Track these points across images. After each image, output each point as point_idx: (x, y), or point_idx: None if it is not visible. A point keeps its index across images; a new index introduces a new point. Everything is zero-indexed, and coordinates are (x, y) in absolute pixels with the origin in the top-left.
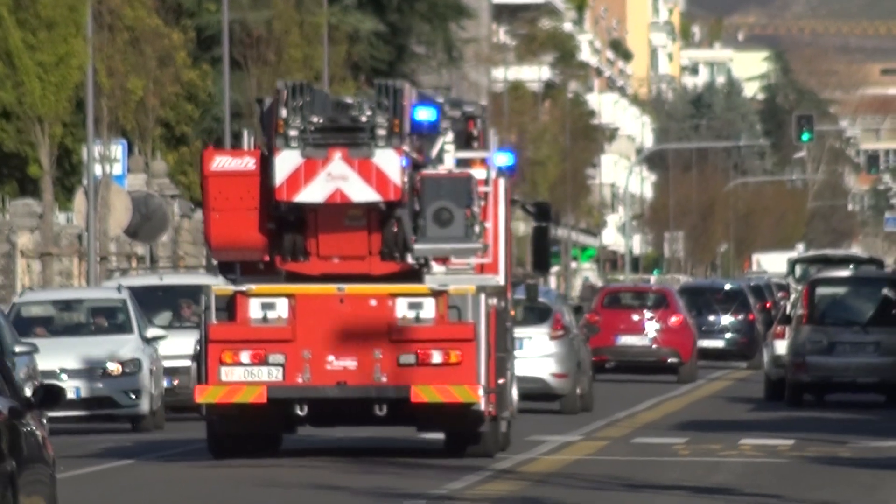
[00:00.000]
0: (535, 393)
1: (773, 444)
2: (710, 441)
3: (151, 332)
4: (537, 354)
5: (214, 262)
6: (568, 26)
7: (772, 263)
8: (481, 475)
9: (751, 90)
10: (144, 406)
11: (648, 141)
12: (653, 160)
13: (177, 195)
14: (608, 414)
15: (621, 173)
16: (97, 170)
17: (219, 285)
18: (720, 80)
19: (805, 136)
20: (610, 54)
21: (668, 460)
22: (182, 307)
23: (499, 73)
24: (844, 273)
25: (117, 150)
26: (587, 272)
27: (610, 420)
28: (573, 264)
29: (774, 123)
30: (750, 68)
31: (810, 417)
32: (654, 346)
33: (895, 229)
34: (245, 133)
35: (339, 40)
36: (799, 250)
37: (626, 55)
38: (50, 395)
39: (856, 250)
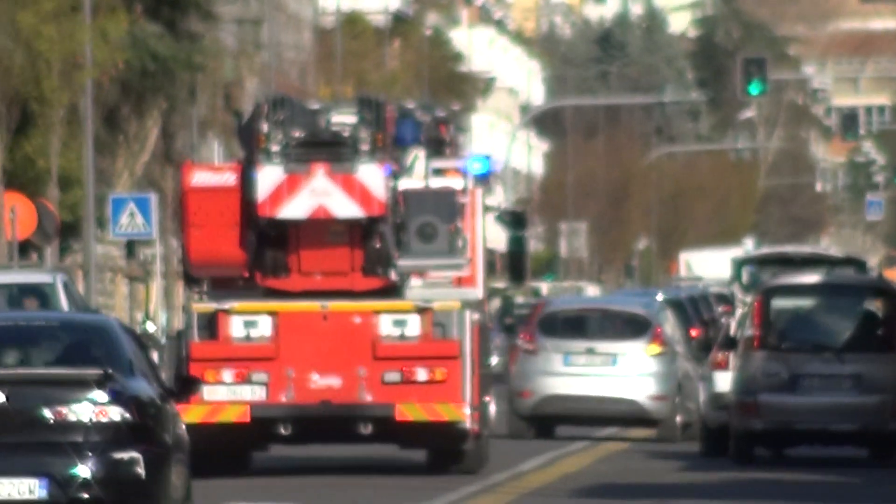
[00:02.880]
0: (629, 417)
1: None
2: None
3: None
4: (632, 373)
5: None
6: None
7: (709, 265)
8: None
9: (679, 24)
10: None
11: (538, 96)
12: (544, 122)
13: None
14: (489, 471)
15: (500, 140)
16: None
17: (199, 302)
18: (636, 9)
19: (755, 89)
20: None
21: None
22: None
23: (329, 1)
24: (811, 279)
25: None
26: None
27: (486, 483)
28: None
29: (712, 71)
30: None
31: (764, 479)
32: None
33: (880, 217)
34: (215, 145)
35: None
36: (747, 247)
37: None
38: (187, 385)
39: (827, 246)
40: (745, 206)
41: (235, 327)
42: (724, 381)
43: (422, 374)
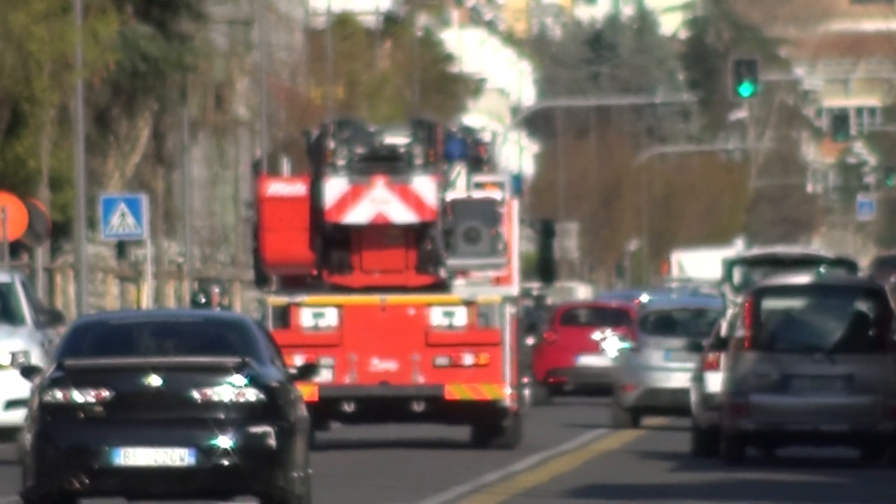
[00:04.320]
0: None
1: None
2: None
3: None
4: None
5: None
6: None
7: (700, 266)
8: None
9: (670, 25)
10: None
11: (529, 96)
12: (535, 123)
13: None
14: (475, 473)
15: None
16: None
17: (273, 297)
18: (627, 10)
19: (746, 90)
20: None
21: None
22: None
23: (319, 2)
24: (802, 279)
25: None
26: None
27: (476, 484)
28: None
29: (703, 72)
30: None
31: (755, 480)
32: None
33: (870, 217)
34: (284, 161)
35: None
36: (738, 248)
37: None
38: (306, 370)
39: (817, 247)
40: (735, 206)
41: (305, 318)
42: (715, 382)
43: (468, 359)
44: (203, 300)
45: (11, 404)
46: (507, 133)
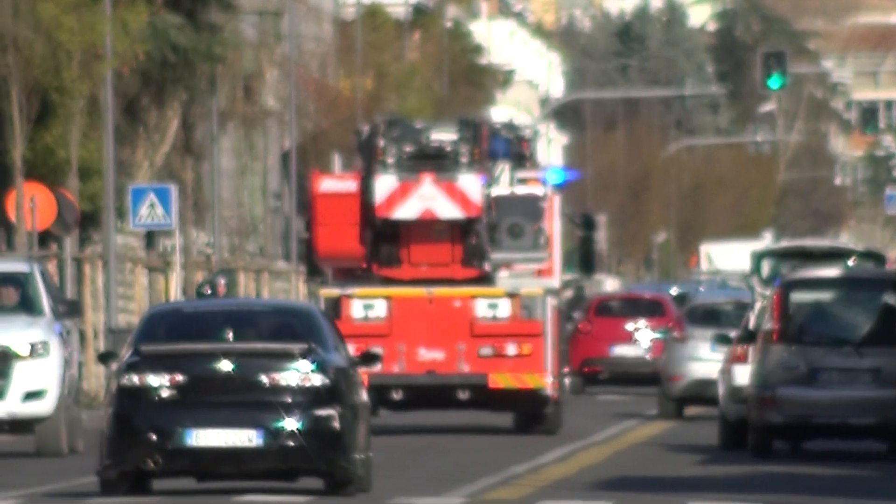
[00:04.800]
0: None
1: None
2: None
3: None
4: None
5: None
6: None
7: (729, 258)
8: None
9: (699, 17)
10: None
11: (558, 88)
12: (564, 115)
13: None
14: (507, 462)
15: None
16: None
17: (325, 289)
18: (656, 3)
19: (775, 82)
20: None
21: None
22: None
23: None
24: (830, 272)
25: None
26: None
27: (505, 476)
28: None
29: (732, 64)
30: None
31: (783, 473)
32: (649, 357)
33: None
34: (336, 157)
35: None
36: (767, 240)
37: None
38: (368, 358)
39: (846, 240)
40: (764, 199)
41: (356, 309)
42: (742, 375)
43: (511, 349)
44: (209, 292)
45: (30, 396)
46: (536, 125)
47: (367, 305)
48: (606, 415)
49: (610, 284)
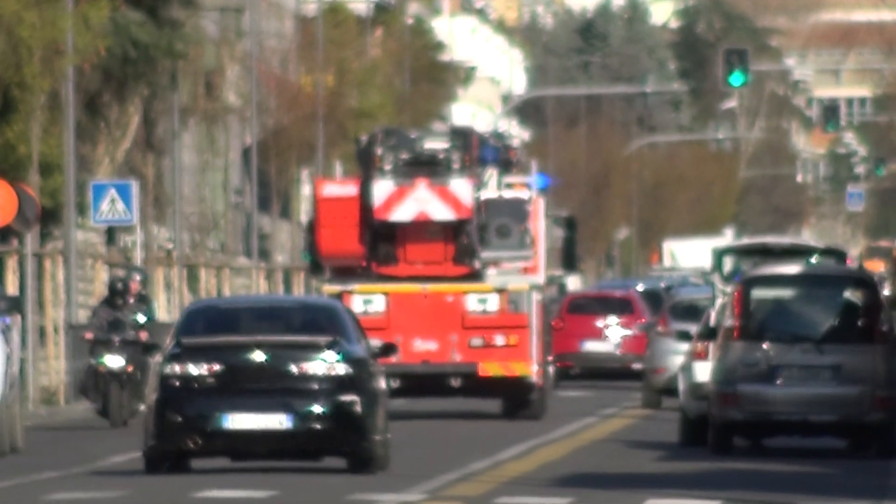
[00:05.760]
0: None
1: None
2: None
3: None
4: None
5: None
6: None
7: (690, 255)
8: None
9: (661, 14)
10: None
11: (519, 85)
12: (526, 112)
13: None
14: (468, 457)
15: (481, 129)
16: None
17: (327, 285)
18: (618, 0)
19: (736, 79)
20: None
21: None
22: None
23: None
24: (791, 269)
25: None
26: None
27: (464, 472)
28: None
29: (694, 61)
30: None
31: (743, 470)
32: (618, 353)
33: (860, 208)
34: (337, 164)
35: None
36: (728, 237)
37: None
38: (387, 349)
39: (807, 237)
40: (725, 196)
41: (356, 304)
42: (703, 371)
43: (499, 340)
44: (121, 287)
45: None
46: (497, 121)
47: (366, 300)
48: (568, 413)
49: (572, 282)
